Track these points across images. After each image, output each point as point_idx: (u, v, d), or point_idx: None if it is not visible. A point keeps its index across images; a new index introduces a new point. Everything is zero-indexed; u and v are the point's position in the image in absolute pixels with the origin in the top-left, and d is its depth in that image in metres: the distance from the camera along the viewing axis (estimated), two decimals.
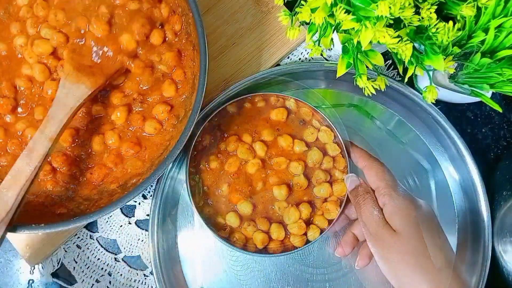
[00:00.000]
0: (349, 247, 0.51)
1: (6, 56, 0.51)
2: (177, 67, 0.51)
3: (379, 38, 0.38)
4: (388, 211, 0.45)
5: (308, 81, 0.59)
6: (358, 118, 0.58)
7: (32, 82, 0.51)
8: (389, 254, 0.43)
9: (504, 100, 0.60)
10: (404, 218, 0.44)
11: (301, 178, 0.52)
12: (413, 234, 0.43)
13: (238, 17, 0.59)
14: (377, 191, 0.47)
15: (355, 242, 0.51)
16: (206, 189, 0.52)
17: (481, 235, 0.54)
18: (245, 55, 0.58)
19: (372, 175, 0.48)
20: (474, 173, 0.55)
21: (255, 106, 0.54)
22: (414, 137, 0.58)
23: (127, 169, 0.50)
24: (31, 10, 0.51)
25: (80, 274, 0.56)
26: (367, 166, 0.48)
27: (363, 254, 0.50)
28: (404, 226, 0.43)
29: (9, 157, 0.50)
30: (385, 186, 0.46)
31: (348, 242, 0.51)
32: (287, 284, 0.55)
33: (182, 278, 0.55)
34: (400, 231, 0.43)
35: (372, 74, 0.54)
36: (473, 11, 0.39)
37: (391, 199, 0.45)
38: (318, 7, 0.40)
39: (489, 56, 0.42)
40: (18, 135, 0.50)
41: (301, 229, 0.50)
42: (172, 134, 0.50)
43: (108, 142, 0.50)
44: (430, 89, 0.43)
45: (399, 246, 0.43)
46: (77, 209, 0.48)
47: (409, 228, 0.43)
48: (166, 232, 0.55)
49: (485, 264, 0.53)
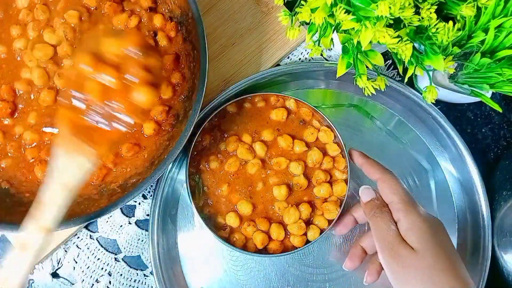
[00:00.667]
0: (358, 260, 0.50)
1: (6, 59, 0.51)
2: (175, 71, 0.51)
3: (379, 38, 0.38)
4: (404, 227, 0.43)
5: (308, 81, 0.59)
6: (358, 118, 0.58)
7: (31, 86, 0.51)
8: (404, 270, 0.42)
9: (504, 100, 0.60)
10: (420, 235, 0.43)
11: (301, 178, 0.52)
12: (429, 251, 0.42)
13: (238, 17, 0.59)
14: (391, 205, 0.46)
15: (364, 255, 0.50)
16: (206, 189, 0.52)
17: (481, 235, 0.54)
18: (245, 55, 0.58)
19: (386, 188, 0.46)
20: (474, 173, 0.55)
21: (255, 106, 0.54)
22: (414, 137, 0.58)
23: (127, 168, 0.50)
24: (31, 13, 0.51)
25: (80, 274, 0.56)
26: (381, 179, 0.47)
27: (372, 269, 0.49)
28: (420, 243, 0.42)
29: (9, 160, 0.50)
30: (399, 200, 0.45)
31: (357, 255, 0.50)
32: (287, 284, 0.55)
33: (182, 278, 0.55)
34: (417, 248, 0.42)
35: (372, 74, 0.54)
36: (473, 11, 0.39)
37: (406, 215, 0.44)
38: (318, 7, 0.40)
39: (489, 56, 0.42)
40: (16, 138, 0.51)
41: (300, 230, 0.50)
42: (171, 134, 0.50)
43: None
44: (430, 89, 0.43)
45: (415, 263, 0.41)
46: (77, 209, 0.48)
47: (425, 246, 0.42)
48: (166, 232, 0.55)
49: (485, 264, 0.53)
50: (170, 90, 0.51)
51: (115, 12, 0.51)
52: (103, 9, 0.51)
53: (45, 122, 0.51)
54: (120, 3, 0.52)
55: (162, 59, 0.50)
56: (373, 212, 0.46)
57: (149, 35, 0.51)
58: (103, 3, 0.51)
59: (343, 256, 0.55)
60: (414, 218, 0.43)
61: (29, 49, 0.50)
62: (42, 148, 0.50)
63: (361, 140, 0.58)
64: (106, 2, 0.51)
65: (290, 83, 0.59)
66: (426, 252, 0.42)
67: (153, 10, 0.52)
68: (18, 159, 0.50)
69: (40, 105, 0.51)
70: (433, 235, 0.43)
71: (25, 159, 0.50)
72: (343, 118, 0.58)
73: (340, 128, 0.52)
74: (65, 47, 0.50)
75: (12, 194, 0.50)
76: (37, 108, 0.51)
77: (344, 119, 0.58)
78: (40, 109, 0.51)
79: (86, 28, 0.51)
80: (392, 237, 0.43)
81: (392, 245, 0.43)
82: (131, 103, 0.37)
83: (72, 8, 0.51)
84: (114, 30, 0.50)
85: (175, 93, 0.51)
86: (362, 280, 0.49)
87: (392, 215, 0.45)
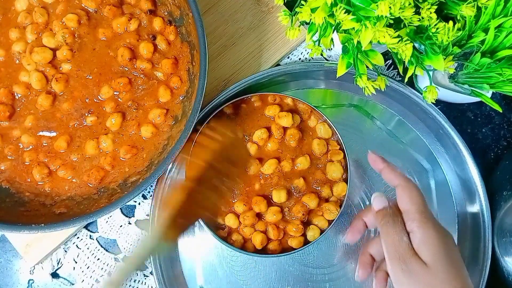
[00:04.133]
0: (370, 268, 0.48)
1: (5, 62, 0.51)
2: (173, 74, 0.51)
3: (379, 38, 0.38)
4: (417, 240, 0.42)
5: (308, 81, 0.59)
6: (358, 118, 0.58)
7: (30, 90, 0.51)
8: (414, 285, 0.41)
9: (504, 100, 0.60)
10: (434, 249, 0.41)
11: (300, 179, 0.52)
12: (442, 267, 0.40)
13: (238, 17, 0.59)
14: (405, 214, 0.44)
15: (373, 263, 0.48)
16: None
17: (481, 235, 0.54)
18: (245, 55, 0.58)
19: (405, 196, 0.44)
20: (474, 173, 0.55)
21: (253, 106, 0.54)
22: (414, 137, 0.58)
23: (125, 168, 0.50)
24: (30, 16, 0.51)
25: (80, 274, 0.56)
26: (401, 186, 0.45)
27: (380, 278, 0.47)
28: (433, 259, 0.41)
29: (7, 162, 0.50)
30: (417, 210, 0.43)
31: (368, 263, 0.48)
32: (287, 284, 0.55)
33: (182, 278, 0.55)
34: (429, 263, 0.41)
35: (372, 74, 0.54)
36: (473, 11, 0.39)
37: (420, 227, 0.42)
38: (318, 7, 0.40)
39: (489, 56, 0.42)
40: (14, 141, 0.51)
41: (298, 231, 0.50)
42: (169, 134, 0.50)
43: (102, 146, 0.50)
44: (430, 89, 0.43)
45: (427, 279, 0.40)
46: (77, 209, 0.48)
47: (439, 261, 0.41)
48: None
49: (485, 264, 0.53)
50: (168, 93, 0.51)
51: (114, 15, 0.51)
52: (103, 12, 0.51)
53: (41, 125, 0.51)
54: (120, 6, 0.52)
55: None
56: (385, 221, 0.44)
57: (149, 38, 0.51)
58: (102, 6, 0.51)
59: (343, 256, 0.55)
60: (429, 231, 0.42)
61: (28, 53, 0.50)
62: (40, 151, 0.51)
63: (361, 140, 0.57)
64: (106, 5, 0.51)
65: (290, 83, 0.59)
66: (438, 268, 0.40)
67: (153, 13, 0.52)
68: (17, 161, 0.50)
69: (37, 109, 0.51)
70: (446, 250, 0.41)
71: (23, 162, 0.50)
72: (343, 118, 0.58)
73: (340, 128, 0.52)
74: (64, 51, 0.50)
75: (12, 194, 0.50)
76: (34, 111, 0.51)
77: (344, 119, 0.58)
78: (37, 113, 0.51)
79: (86, 32, 0.51)
80: (404, 249, 0.42)
81: (403, 258, 0.41)
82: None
83: (71, 12, 0.50)
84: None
85: (173, 96, 0.51)
86: (362, 280, 0.49)
87: (405, 226, 0.43)
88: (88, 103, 0.51)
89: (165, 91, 0.51)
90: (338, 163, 0.52)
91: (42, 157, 0.50)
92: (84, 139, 0.51)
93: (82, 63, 0.51)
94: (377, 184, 0.56)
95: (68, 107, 0.51)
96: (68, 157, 0.50)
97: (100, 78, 0.51)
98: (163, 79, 0.51)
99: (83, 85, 0.51)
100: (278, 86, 0.59)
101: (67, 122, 0.51)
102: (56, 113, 0.51)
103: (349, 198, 0.52)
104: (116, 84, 0.50)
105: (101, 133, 0.51)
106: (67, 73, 0.51)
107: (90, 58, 0.51)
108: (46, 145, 0.51)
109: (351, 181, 0.51)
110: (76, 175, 0.50)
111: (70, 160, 0.50)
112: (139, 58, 0.51)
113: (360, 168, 0.57)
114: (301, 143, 0.53)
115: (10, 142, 0.51)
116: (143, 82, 0.51)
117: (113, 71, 0.51)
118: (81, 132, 0.51)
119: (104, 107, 0.51)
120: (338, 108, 0.59)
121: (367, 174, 0.57)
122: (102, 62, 0.51)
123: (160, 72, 0.51)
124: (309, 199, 0.51)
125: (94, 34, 0.51)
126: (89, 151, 0.50)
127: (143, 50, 0.51)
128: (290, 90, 0.59)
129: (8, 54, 0.51)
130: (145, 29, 0.52)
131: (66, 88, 0.51)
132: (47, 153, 0.50)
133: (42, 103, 0.50)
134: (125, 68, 0.51)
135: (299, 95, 0.58)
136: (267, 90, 0.58)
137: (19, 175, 0.50)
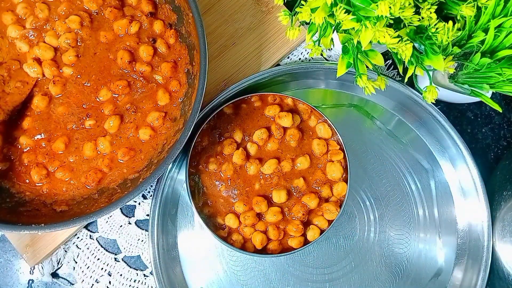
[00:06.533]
0: None
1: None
2: (172, 78, 0.51)
3: (379, 38, 0.38)
4: None
5: (308, 81, 0.59)
6: (358, 118, 0.58)
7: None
8: None
9: (504, 100, 0.60)
10: None
11: (300, 179, 0.52)
12: None
13: (238, 17, 0.59)
14: None
15: None
16: (205, 189, 0.52)
17: (481, 235, 0.54)
18: (245, 55, 0.58)
19: None
20: (474, 173, 0.55)
21: (253, 106, 0.54)
22: (414, 137, 0.58)
23: (123, 169, 0.50)
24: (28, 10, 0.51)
25: (80, 274, 0.56)
26: None
27: None
28: None
29: (7, 163, 0.50)
30: None
31: None
32: (287, 284, 0.55)
33: (182, 278, 0.55)
34: None
35: (372, 74, 0.54)
36: (473, 11, 0.39)
37: None
38: (318, 7, 0.40)
39: (489, 56, 0.42)
40: (13, 142, 0.51)
41: (298, 231, 0.50)
42: (167, 135, 0.51)
43: (100, 148, 0.50)
44: (430, 89, 0.43)
45: None
46: (77, 209, 0.48)
47: None
48: (166, 232, 0.55)
49: (485, 264, 0.53)
50: (167, 96, 0.51)
51: (115, 17, 0.51)
52: (104, 13, 0.51)
53: (37, 127, 0.51)
54: (121, 8, 0.52)
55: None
56: None
57: (149, 41, 0.51)
58: (104, 8, 0.51)
59: (343, 256, 0.55)
60: None
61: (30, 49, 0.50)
62: (38, 152, 0.51)
63: (361, 140, 0.58)
64: (107, 7, 0.51)
65: (290, 83, 0.59)
66: None
67: (153, 16, 0.52)
68: (16, 162, 0.51)
69: (33, 110, 0.51)
70: None
71: (22, 163, 0.50)
72: (343, 118, 0.58)
73: (340, 128, 0.52)
74: (70, 56, 0.50)
75: (13, 194, 0.50)
76: (31, 113, 0.51)
77: (344, 119, 0.58)
78: (33, 114, 0.51)
79: (88, 34, 0.51)
80: None
81: None
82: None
83: (74, 13, 0.50)
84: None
85: (172, 99, 0.51)
86: (362, 280, 0.49)
87: None
88: (86, 106, 0.51)
89: (164, 94, 0.51)
90: (338, 163, 0.52)
91: (40, 158, 0.50)
92: (82, 141, 0.51)
93: (83, 69, 0.51)
94: (377, 184, 0.57)
95: (64, 111, 0.51)
96: (66, 158, 0.50)
97: (98, 83, 0.51)
98: (162, 82, 0.51)
99: (80, 91, 0.51)
100: (278, 86, 0.59)
101: (65, 125, 0.51)
102: (53, 115, 0.51)
103: (349, 198, 0.52)
104: (115, 87, 0.50)
105: (99, 135, 0.51)
106: (66, 77, 0.51)
107: (90, 63, 0.51)
108: (44, 147, 0.51)
109: (351, 181, 0.52)
110: (74, 176, 0.50)
111: (68, 162, 0.50)
112: (139, 61, 0.51)
113: (360, 168, 0.57)
114: (301, 143, 0.53)
115: (9, 143, 0.51)
116: (142, 85, 0.51)
117: (112, 74, 0.51)
118: (79, 134, 0.51)
119: (103, 109, 0.51)
120: (338, 108, 0.59)
121: (367, 174, 0.57)
122: (101, 67, 0.51)
123: (159, 75, 0.51)
124: (309, 199, 0.51)
125: (96, 37, 0.51)
126: (87, 153, 0.50)
127: (143, 53, 0.51)
128: (290, 90, 0.59)
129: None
130: (146, 32, 0.52)
131: (63, 92, 0.51)
132: (45, 154, 0.50)
133: (38, 104, 0.50)
134: (124, 71, 0.51)
135: (299, 95, 0.58)
136: (267, 90, 0.58)
137: (18, 176, 0.50)
